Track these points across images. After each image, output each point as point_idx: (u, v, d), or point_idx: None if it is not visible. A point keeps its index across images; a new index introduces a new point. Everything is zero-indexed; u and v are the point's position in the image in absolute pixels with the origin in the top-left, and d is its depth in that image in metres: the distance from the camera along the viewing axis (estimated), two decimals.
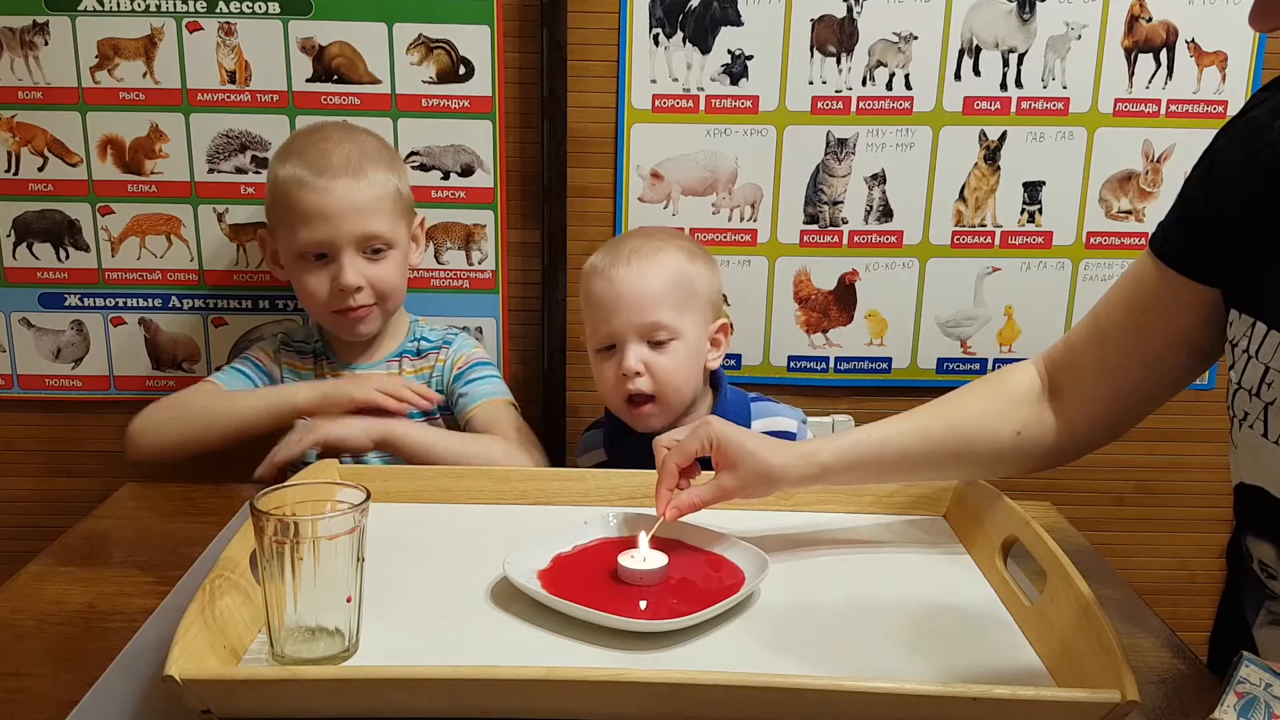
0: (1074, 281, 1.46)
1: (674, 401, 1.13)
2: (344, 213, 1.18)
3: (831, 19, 1.37)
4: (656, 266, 1.12)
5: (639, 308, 1.10)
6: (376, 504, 0.96)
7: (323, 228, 1.18)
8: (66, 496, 1.49)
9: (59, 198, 1.40)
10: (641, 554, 0.82)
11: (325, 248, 1.19)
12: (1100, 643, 0.65)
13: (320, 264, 1.20)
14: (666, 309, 1.11)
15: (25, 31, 1.34)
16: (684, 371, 1.13)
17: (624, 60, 1.38)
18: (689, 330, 1.13)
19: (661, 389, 1.12)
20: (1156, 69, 1.39)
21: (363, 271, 1.20)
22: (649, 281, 1.11)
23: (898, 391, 1.50)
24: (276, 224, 1.23)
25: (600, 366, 1.15)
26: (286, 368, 1.30)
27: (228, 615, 0.70)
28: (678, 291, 1.12)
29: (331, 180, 1.17)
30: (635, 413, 1.13)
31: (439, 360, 1.31)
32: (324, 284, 1.20)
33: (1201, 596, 1.56)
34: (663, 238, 1.18)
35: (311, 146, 1.21)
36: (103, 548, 0.96)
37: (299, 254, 1.20)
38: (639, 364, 1.10)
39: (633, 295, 1.10)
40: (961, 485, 0.97)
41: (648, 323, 1.11)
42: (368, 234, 1.20)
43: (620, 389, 1.12)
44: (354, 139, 1.23)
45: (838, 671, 0.69)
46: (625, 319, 1.11)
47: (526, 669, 0.62)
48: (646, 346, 1.11)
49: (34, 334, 1.44)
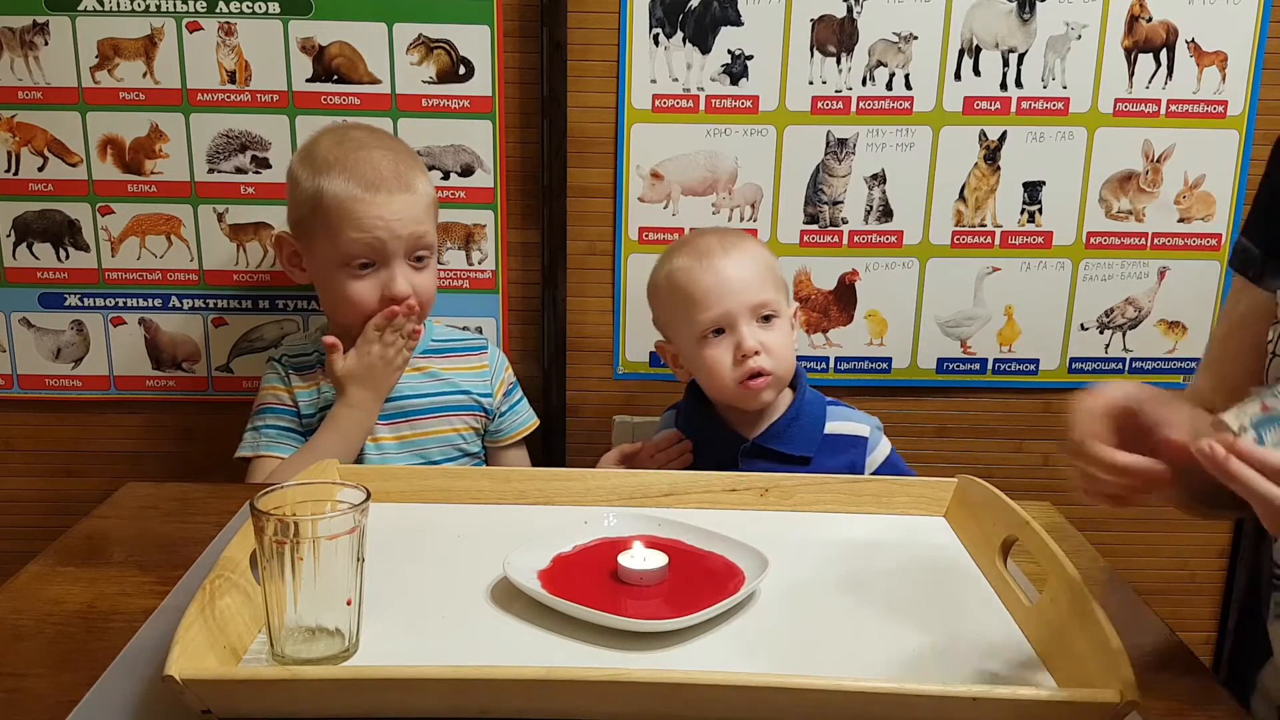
0: (1074, 281, 1.46)
1: (784, 375, 1.17)
2: (401, 219, 1.18)
3: (831, 19, 1.37)
4: (749, 254, 1.18)
5: (749, 289, 1.15)
6: (376, 504, 0.96)
7: (378, 234, 1.17)
8: (66, 496, 1.49)
9: (59, 198, 1.40)
10: (641, 554, 0.82)
11: (378, 255, 1.19)
12: (1100, 643, 0.65)
13: (366, 272, 1.19)
14: (769, 288, 1.16)
15: (25, 31, 1.34)
16: (789, 346, 1.18)
17: (624, 60, 1.38)
18: (783, 309, 1.18)
19: (776, 363, 1.15)
20: (1156, 69, 1.39)
21: (411, 280, 1.20)
22: (748, 266, 1.16)
23: (898, 391, 1.50)
24: (315, 232, 1.20)
25: (708, 353, 1.16)
26: (301, 393, 1.26)
27: (228, 615, 0.70)
28: (771, 274, 1.18)
29: (390, 195, 1.18)
30: (752, 388, 1.15)
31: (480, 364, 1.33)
32: (372, 292, 1.19)
33: (1201, 596, 1.56)
34: (731, 233, 1.25)
35: (351, 156, 1.19)
36: (103, 548, 0.96)
37: (344, 262, 1.19)
38: (757, 342, 1.14)
39: (740, 279, 1.15)
40: (962, 485, 0.97)
41: (758, 301, 1.15)
42: (418, 236, 1.20)
43: (739, 369, 1.14)
44: (393, 150, 1.22)
45: (837, 671, 0.69)
46: (738, 301, 1.15)
47: (526, 669, 0.62)
48: (760, 326, 1.16)
49: (34, 334, 1.44)
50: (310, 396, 1.26)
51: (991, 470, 1.50)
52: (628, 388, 1.50)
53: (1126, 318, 1.48)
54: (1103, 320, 1.48)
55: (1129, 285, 1.46)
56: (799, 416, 1.18)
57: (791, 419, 1.18)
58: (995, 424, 1.52)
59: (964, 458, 1.51)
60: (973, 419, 1.52)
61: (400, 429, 1.26)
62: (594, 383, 1.49)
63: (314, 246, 1.21)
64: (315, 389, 1.26)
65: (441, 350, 1.32)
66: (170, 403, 1.48)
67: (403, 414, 1.27)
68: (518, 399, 1.37)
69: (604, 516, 0.91)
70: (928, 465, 1.51)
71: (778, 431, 1.17)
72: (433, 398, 1.28)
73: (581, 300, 1.45)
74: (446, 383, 1.30)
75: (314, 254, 1.22)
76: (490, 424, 1.33)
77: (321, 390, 1.26)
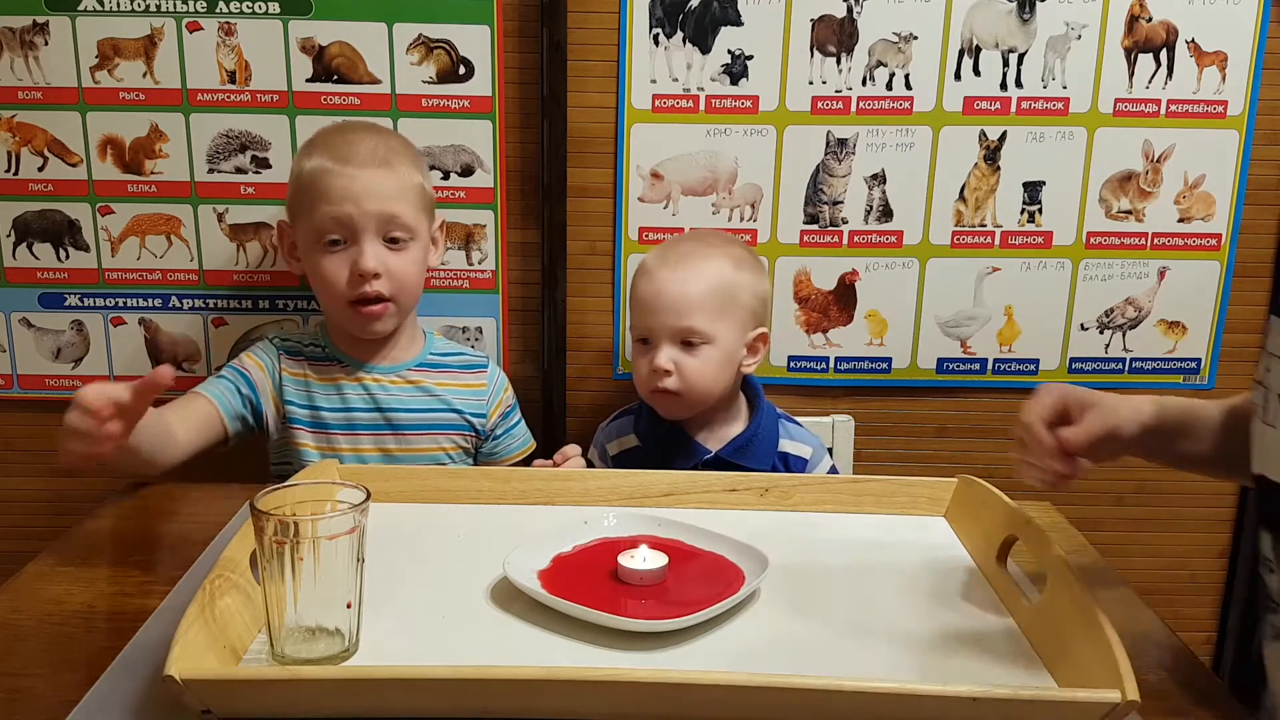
0: (1074, 281, 1.46)
1: (697, 399, 1.20)
2: (368, 194, 1.17)
3: (831, 19, 1.37)
4: (698, 274, 1.18)
5: (675, 312, 1.17)
6: (376, 504, 0.96)
7: (345, 207, 1.17)
8: (66, 496, 1.49)
9: (59, 198, 1.40)
10: (641, 554, 0.82)
11: (346, 229, 1.18)
12: (1100, 643, 0.65)
13: (338, 249, 1.19)
14: (702, 315, 1.17)
15: (25, 31, 1.34)
16: (711, 373, 1.19)
17: (624, 60, 1.38)
18: (723, 336, 1.18)
19: (687, 387, 1.18)
20: (1156, 69, 1.39)
21: (382, 259, 1.19)
22: (689, 287, 1.17)
23: (898, 391, 1.50)
24: (298, 212, 1.22)
25: (636, 357, 1.23)
26: (289, 377, 1.25)
27: (228, 615, 0.70)
28: (716, 298, 1.18)
29: (359, 168, 1.18)
30: (659, 401, 1.21)
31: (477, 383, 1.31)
32: (342, 268, 1.19)
33: (1201, 596, 1.56)
34: (716, 244, 1.24)
35: (336, 138, 1.22)
36: (103, 548, 0.96)
37: (318, 238, 1.19)
38: (669, 363, 1.17)
39: (671, 299, 1.17)
40: (962, 485, 0.97)
41: (682, 327, 1.17)
42: (389, 214, 1.19)
43: (650, 381, 1.19)
44: (380, 135, 1.24)
45: (838, 671, 0.69)
46: (661, 321, 1.18)
47: (526, 669, 0.62)
48: (679, 348, 1.18)
49: (34, 334, 1.44)
50: (297, 386, 1.25)
51: (991, 470, 1.50)
52: (628, 388, 1.49)
53: (1126, 318, 1.48)
54: (1103, 320, 1.48)
55: (1129, 285, 1.46)
56: (758, 433, 1.22)
57: (751, 435, 1.22)
58: (995, 424, 1.52)
59: (964, 458, 1.51)
60: (973, 419, 1.52)
61: (384, 441, 1.25)
62: (594, 383, 1.49)
63: (298, 227, 1.23)
64: (304, 380, 1.25)
65: (437, 365, 1.30)
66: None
67: (388, 426, 1.25)
68: (515, 421, 1.35)
69: (604, 516, 0.91)
70: (928, 465, 1.52)
71: (739, 447, 1.21)
72: (420, 413, 1.27)
73: (581, 300, 1.45)
74: (437, 399, 1.28)
75: (299, 236, 1.23)
76: (484, 445, 1.32)
77: (310, 386, 1.25)
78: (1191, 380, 1.50)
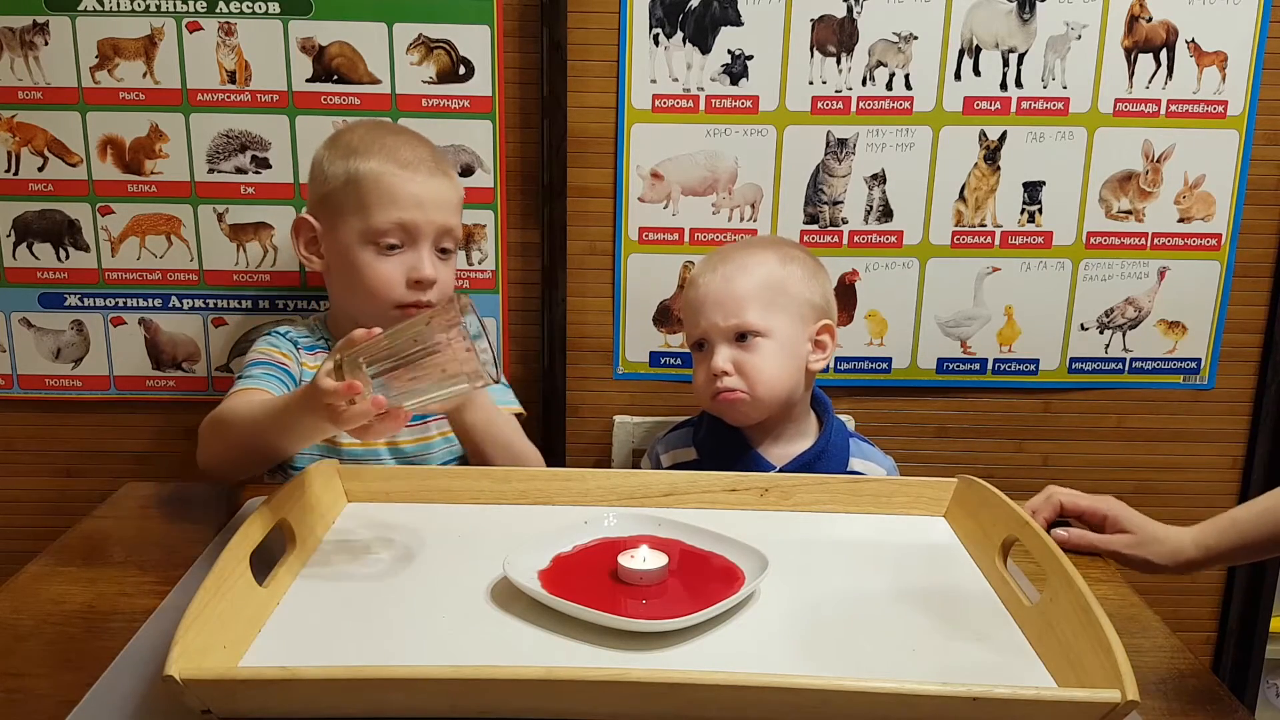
0: (1074, 281, 1.46)
1: (766, 397, 1.15)
2: (434, 203, 1.17)
3: (831, 19, 1.37)
4: (743, 270, 1.16)
5: (724, 310, 1.15)
6: (376, 504, 0.96)
7: (412, 213, 1.16)
8: (66, 496, 1.49)
9: (59, 198, 1.40)
10: (641, 554, 0.82)
11: (408, 235, 1.17)
12: (1100, 643, 0.65)
13: (392, 253, 1.17)
14: (753, 310, 1.14)
15: (25, 31, 1.34)
16: (775, 368, 1.15)
17: (624, 60, 1.38)
18: (780, 329, 1.15)
19: (752, 385, 1.15)
20: (1156, 69, 1.39)
21: (436, 268, 1.18)
22: (735, 285, 1.16)
23: (898, 392, 1.50)
24: (343, 209, 1.18)
25: (695, 368, 1.21)
26: (306, 370, 1.22)
27: (228, 615, 0.70)
28: (766, 292, 1.15)
29: (428, 177, 1.17)
30: (723, 402, 1.16)
31: None
32: (396, 272, 1.17)
33: (1201, 596, 1.56)
34: (761, 245, 1.23)
35: (389, 139, 1.19)
36: (103, 548, 0.96)
37: (372, 239, 1.16)
38: (727, 364, 1.15)
39: (718, 297, 1.16)
40: (962, 485, 0.97)
41: (732, 324, 1.15)
42: (448, 226, 1.19)
43: (710, 386, 1.16)
44: (426, 143, 1.23)
45: (838, 671, 0.69)
46: (711, 321, 1.16)
47: (526, 669, 0.62)
48: (736, 347, 1.15)
49: (34, 334, 1.44)
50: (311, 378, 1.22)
51: (991, 470, 1.51)
52: (628, 388, 1.50)
53: (1126, 318, 1.48)
54: (1103, 320, 1.48)
55: (1129, 285, 1.46)
56: (827, 449, 1.18)
57: (820, 450, 1.18)
58: (995, 424, 1.52)
59: (964, 458, 1.51)
60: (973, 419, 1.52)
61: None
62: (594, 383, 1.49)
63: (340, 226, 1.18)
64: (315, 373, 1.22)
65: None
66: (170, 403, 1.48)
67: None
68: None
69: (604, 516, 0.91)
70: (928, 465, 1.52)
71: (806, 463, 1.17)
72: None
73: (581, 300, 1.45)
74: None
75: (338, 234, 1.19)
76: None
77: None
78: (1191, 380, 1.50)
